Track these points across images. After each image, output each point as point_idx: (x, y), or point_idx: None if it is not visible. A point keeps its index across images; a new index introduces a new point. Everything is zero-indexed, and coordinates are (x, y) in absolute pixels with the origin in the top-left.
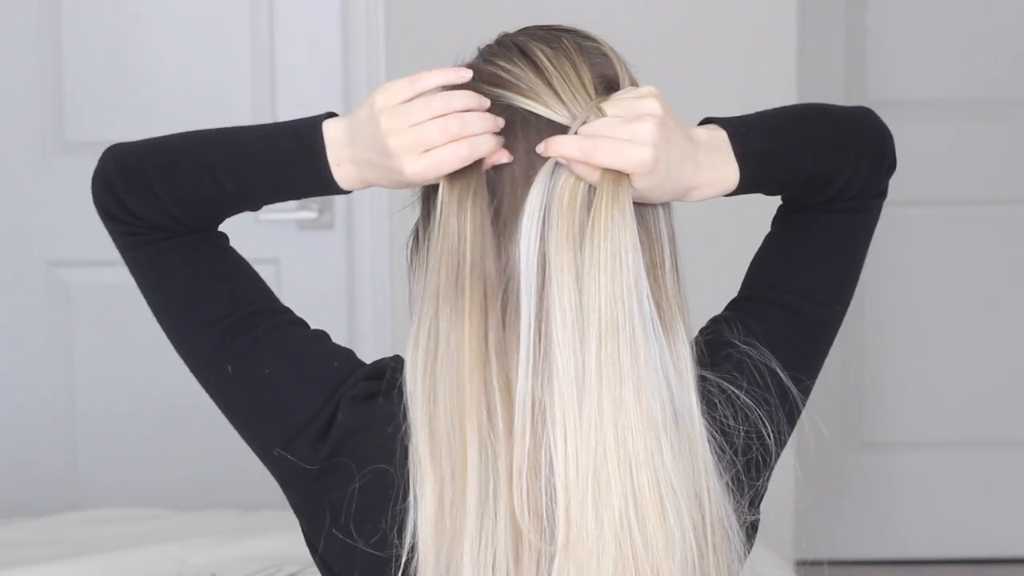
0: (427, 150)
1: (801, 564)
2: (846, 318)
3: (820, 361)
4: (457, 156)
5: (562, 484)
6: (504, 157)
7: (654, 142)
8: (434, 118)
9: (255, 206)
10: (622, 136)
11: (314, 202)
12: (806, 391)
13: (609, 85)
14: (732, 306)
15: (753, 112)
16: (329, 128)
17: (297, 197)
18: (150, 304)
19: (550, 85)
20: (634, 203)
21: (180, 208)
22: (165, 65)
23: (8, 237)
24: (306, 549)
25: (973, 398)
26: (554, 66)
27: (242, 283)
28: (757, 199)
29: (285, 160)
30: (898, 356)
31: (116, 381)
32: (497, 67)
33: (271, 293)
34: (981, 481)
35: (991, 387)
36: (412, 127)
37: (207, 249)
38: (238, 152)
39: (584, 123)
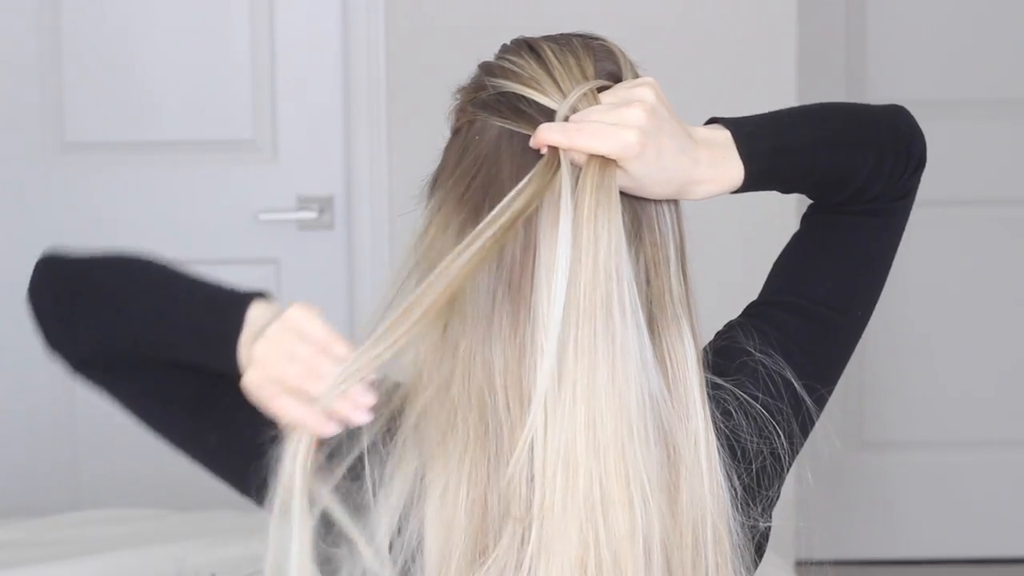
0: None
1: (801, 564)
2: None
3: (839, 369)
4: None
5: (539, 465)
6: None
7: (640, 126)
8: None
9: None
10: (609, 121)
11: (314, 202)
12: (821, 400)
13: (611, 79)
14: (749, 311)
15: (765, 112)
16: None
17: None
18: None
19: (551, 75)
20: (636, 198)
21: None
22: (165, 65)
23: (8, 237)
24: None
25: (973, 398)
26: (558, 59)
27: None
28: (783, 201)
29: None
30: (898, 356)
31: None
32: (505, 60)
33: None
34: (981, 481)
35: (991, 387)
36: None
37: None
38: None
39: (575, 110)
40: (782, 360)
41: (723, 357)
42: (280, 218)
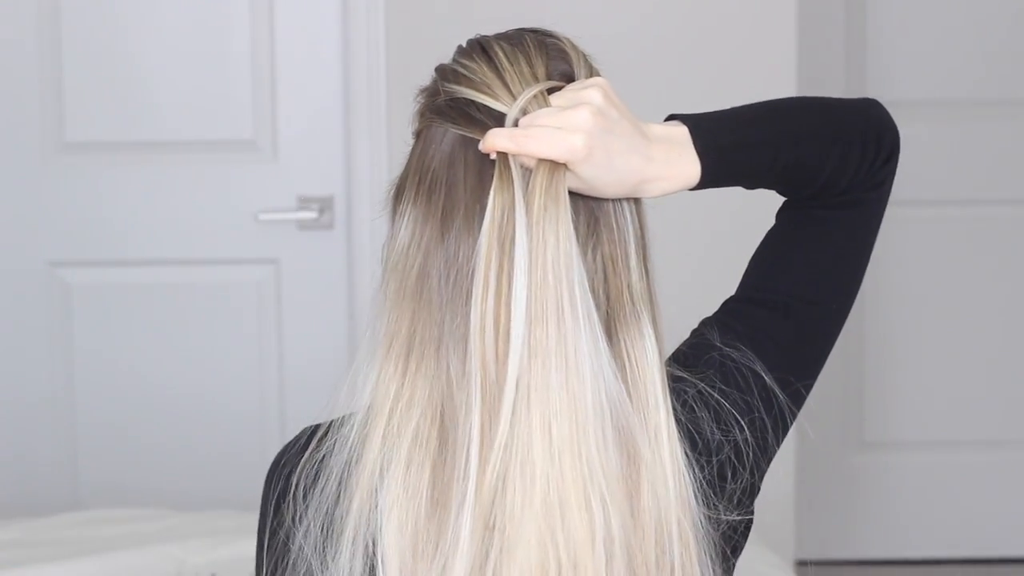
0: None
1: (801, 564)
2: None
3: (815, 361)
4: None
5: (492, 469)
6: None
7: (587, 130)
8: None
9: None
10: (555, 124)
11: (314, 202)
12: (797, 394)
13: (564, 79)
14: (721, 308)
15: (728, 107)
16: None
17: None
18: None
19: (502, 78)
20: (592, 197)
21: None
22: (165, 65)
23: (8, 237)
24: None
25: (973, 398)
26: (509, 61)
27: None
28: (763, 197)
29: None
30: (898, 356)
31: (116, 381)
32: (458, 64)
33: None
34: (981, 481)
35: (991, 387)
36: None
37: None
38: None
39: (525, 113)
40: (751, 353)
41: (692, 353)
42: (280, 218)
